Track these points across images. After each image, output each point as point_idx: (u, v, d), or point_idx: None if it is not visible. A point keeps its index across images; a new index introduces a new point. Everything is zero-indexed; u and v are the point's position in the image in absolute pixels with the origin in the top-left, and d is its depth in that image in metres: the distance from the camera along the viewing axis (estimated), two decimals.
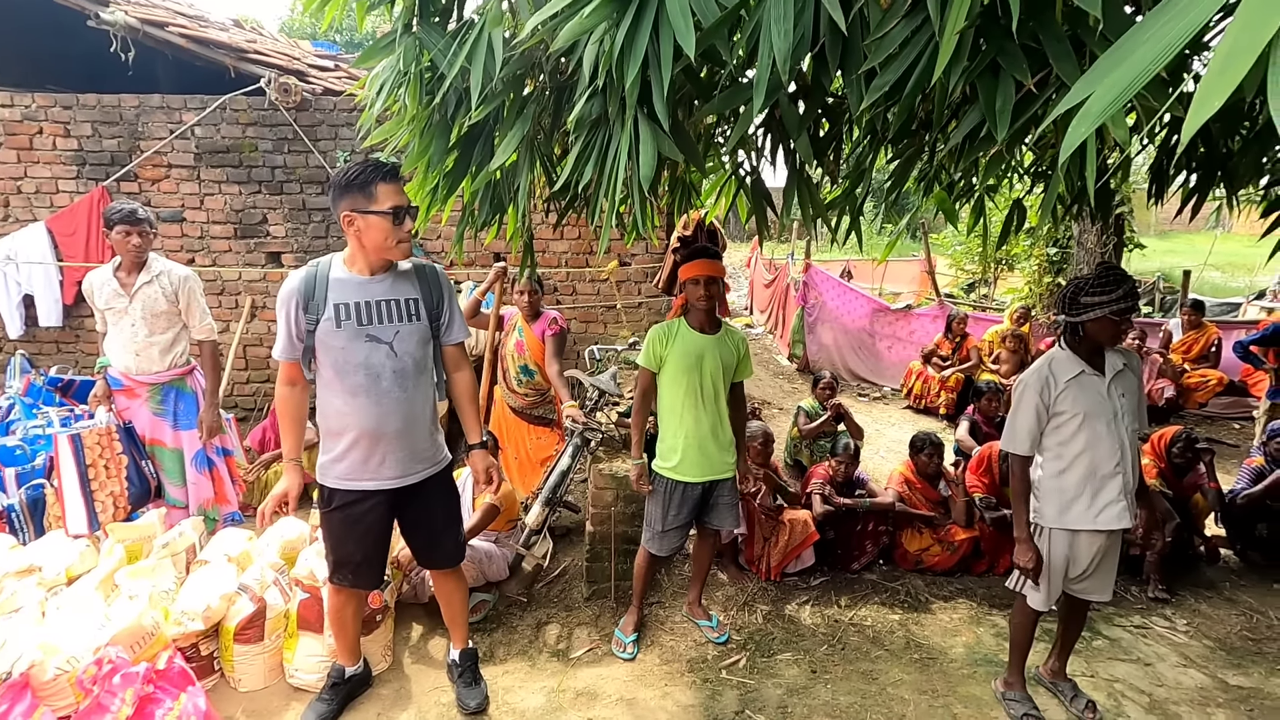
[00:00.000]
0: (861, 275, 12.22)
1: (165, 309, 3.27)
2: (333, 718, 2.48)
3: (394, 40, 2.08)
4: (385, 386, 2.21)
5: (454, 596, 2.62)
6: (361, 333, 2.18)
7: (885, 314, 7.71)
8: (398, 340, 2.21)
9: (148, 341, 3.26)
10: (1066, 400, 2.37)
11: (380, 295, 2.20)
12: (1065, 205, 2.80)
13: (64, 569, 2.66)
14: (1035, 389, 2.40)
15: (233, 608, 2.64)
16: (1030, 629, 2.61)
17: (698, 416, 2.77)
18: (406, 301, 2.24)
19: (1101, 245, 7.01)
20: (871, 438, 5.68)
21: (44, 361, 5.46)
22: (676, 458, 2.80)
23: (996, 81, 1.33)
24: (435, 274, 2.35)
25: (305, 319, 2.16)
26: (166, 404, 3.37)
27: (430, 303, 2.29)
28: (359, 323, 2.17)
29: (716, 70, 2.03)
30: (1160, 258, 14.75)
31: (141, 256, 3.23)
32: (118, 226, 3.14)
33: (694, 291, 2.74)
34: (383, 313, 2.20)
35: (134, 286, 3.21)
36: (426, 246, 5.47)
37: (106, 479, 3.14)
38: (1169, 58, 0.85)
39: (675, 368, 2.75)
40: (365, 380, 2.20)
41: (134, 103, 5.23)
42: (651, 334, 2.82)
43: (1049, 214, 1.83)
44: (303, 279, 2.18)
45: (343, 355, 2.18)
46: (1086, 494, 2.39)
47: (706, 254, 2.77)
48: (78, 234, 5.25)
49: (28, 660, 2.03)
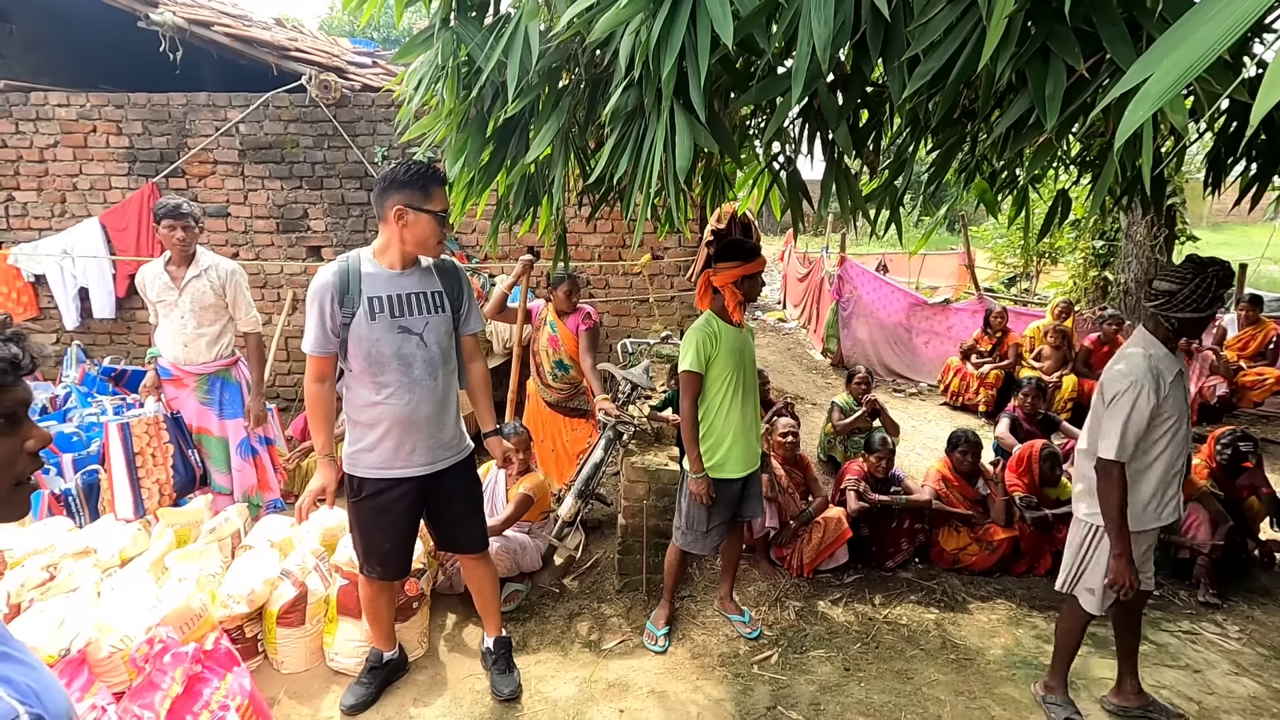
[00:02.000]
0: (898, 269, 11.97)
1: (213, 302, 3.36)
2: (370, 700, 2.55)
3: (431, 35, 2.10)
4: (417, 375, 2.28)
5: (484, 584, 2.66)
6: (395, 324, 2.24)
7: (922, 308, 7.55)
8: (428, 331, 2.29)
9: (196, 333, 3.36)
10: (1169, 401, 2.22)
11: (411, 288, 2.28)
12: (1114, 196, 2.70)
13: (118, 551, 2.76)
14: (1152, 389, 2.18)
15: (275, 592, 2.72)
16: (1080, 634, 2.53)
17: (744, 410, 2.77)
18: (434, 294, 2.32)
19: (1152, 238, 6.76)
20: (907, 434, 5.59)
21: (98, 352, 5.67)
22: (721, 455, 2.76)
23: (1046, 67, 1.29)
24: (455, 268, 2.44)
25: (341, 313, 2.22)
26: (213, 393, 3.47)
27: (453, 295, 2.38)
28: (392, 314, 2.24)
29: (753, 60, 2.00)
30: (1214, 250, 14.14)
31: (188, 250, 3.32)
32: (164, 221, 3.25)
33: (740, 289, 2.70)
34: (414, 305, 2.28)
35: (183, 280, 3.31)
36: (461, 240, 5.53)
37: (153, 466, 3.26)
38: (1233, 38, 0.81)
39: (722, 365, 2.72)
40: (399, 370, 2.26)
41: (181, 101, 5.38)
42: (695, 338, 2.71)
43: (1099, 205, 1.77)
44: (336, 273, 2.22)
45: (376, 347, 2.24)
46: (1159, 494, 2.30)
47: (754, 250, 2.75)
48: (129, 229, 5.43)
49: (85, 638, 2.12)
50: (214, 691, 2.22)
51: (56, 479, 3.55)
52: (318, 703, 2.59)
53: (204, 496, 3.31)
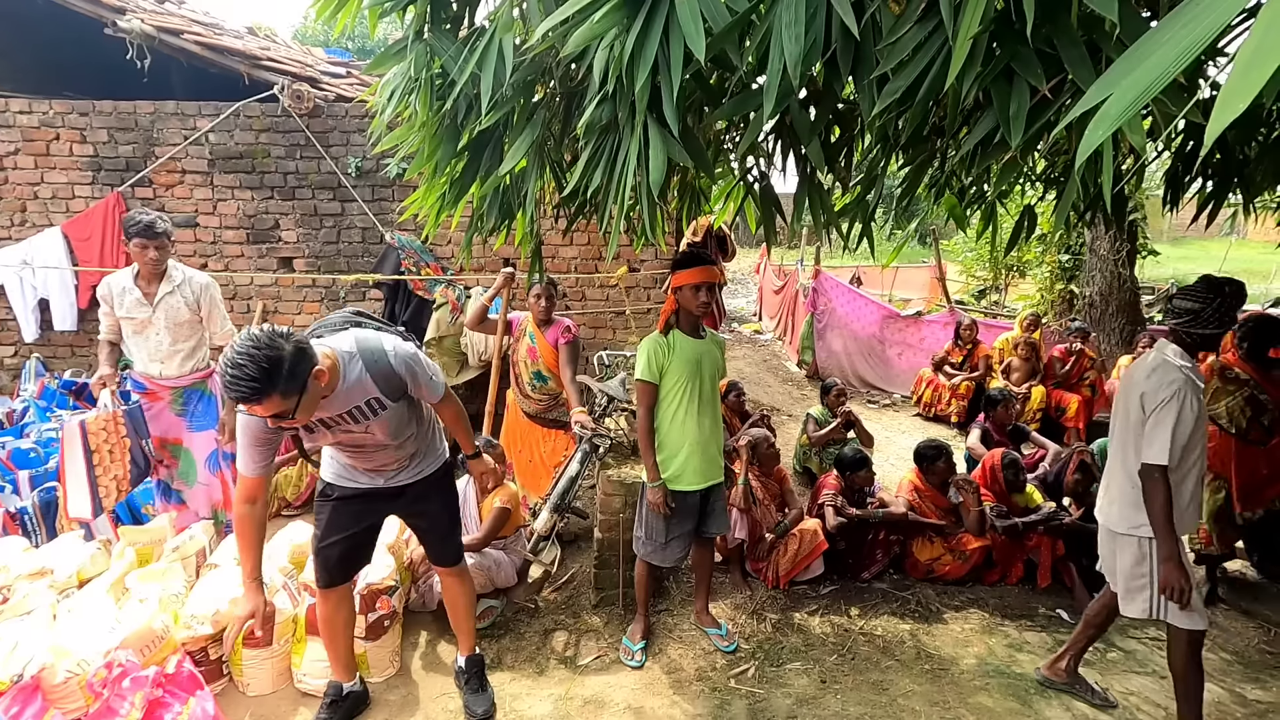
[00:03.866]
0: (871, 282, 12.15)
1: (188, 318, 3.28)
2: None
3: (405, 47, 2.09)
4: (371, 451, 2.28)
5: (459, 600, 2.62)
6: (337, 432, 2.16)
7: (895, 321, 7.66)
8: (373, 426, 2.17)
9: (172, 350, 3.28)
10: (1200, 408, 2.30)
11: (338, 409, 2.08)
12: (1079, 212, 2.78)
13: (75, 571, 2.67)
14: (1195, 394, 2.26)
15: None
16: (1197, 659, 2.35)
17: (700, 422, 2.76)
18: (367, 404, 2.11)
19: (1114, 252, 6.95)
20: (881, 445, 5.64)
21: (58, 365, 5.51)
22: (676, 466, 2.77)
23: (1010, 87, 1.32)
24: (388, 367, 2.11)
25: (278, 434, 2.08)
26: (189, 405, 3.41)
27: (391, 391, 2.14)
28: (329, 428, 2.13)
29: (726, 76, 2.03)
30: (1174, 264, 14.62)
31: (160, 268, 3.23)
32: (135, 239, 3.13)
33: (693, 298, 2.70)
34: (347, 420, 2.12)
35: (156, 296, 3.22)
36: (436, 252, 5.49)
37: (110, 463, 3.16)
38: (1188, 60, 0.84)
39: (677, 376, 2.73)
40: (353, 452, 2.28)
41: (149, 109, 5.28)
42: (647, 348, 2.74)
43: (1063, 220, 1.81)
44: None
45: (334, 445, 2.27)
46: (1195, 498, 2.35)
47: (704, 260, 2.74)
48: (93, 239, 5.30)
49: (39, 663, 2.04)
50: (175, 716, 2.15)
51: (12, 496, 3.43)
52: None
53: (167, 515, 3.22)
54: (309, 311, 5.66)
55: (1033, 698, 2.73)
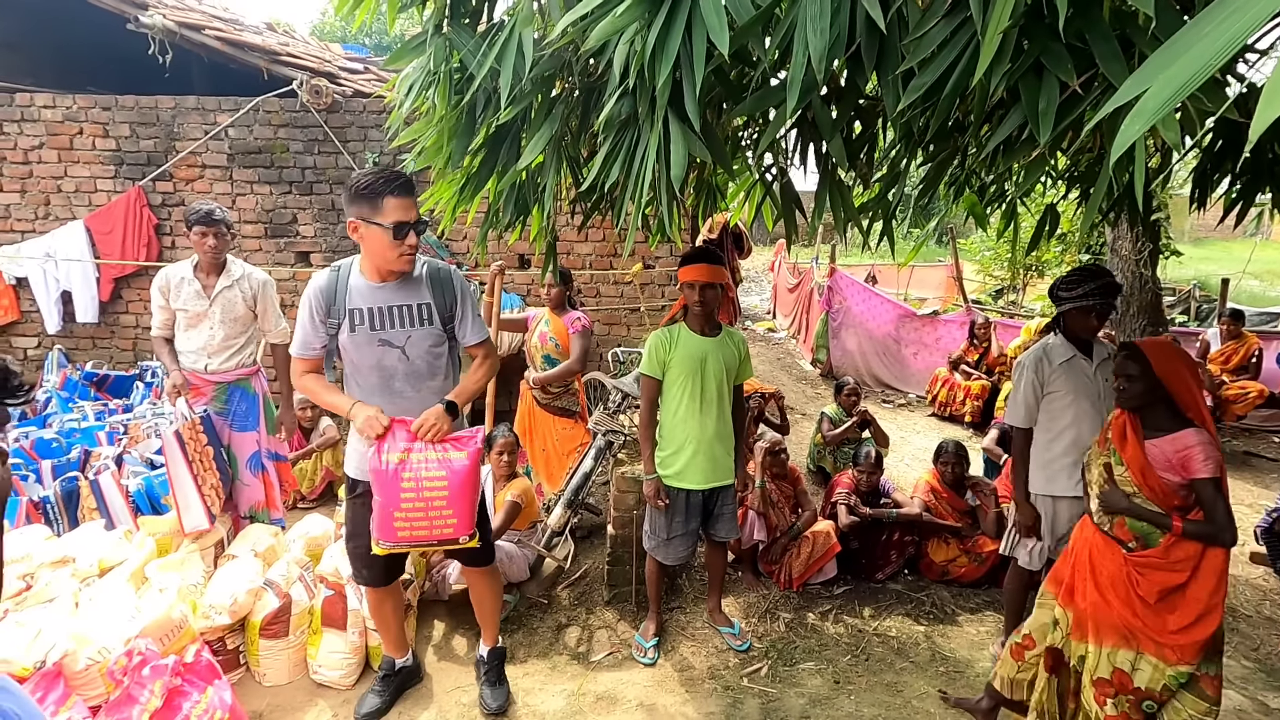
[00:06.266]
0: (887, 280, 12.05)
1: (243, 313, 3.29)
2: (385, 709, 2.53)
3: (424, 41, 2.08)
4: (398, 387, 2.25)
5: (487, 596, 2.62)
6: (375, 337, 2.21)
7: (911, 320, 7.60)
8: (409, 344, 2.24)
9: (224, 344, 3.27)
10: (1058, 379, 2.66)
11: (392, 300, 2.21)
12: (1103, 211, 2.74)
13: (97, 560, 2.70)
14: (1032, 368, 2.70)
15: (259, 603, 2.67)
16: (1023, 592, 2.87)
17: (702, 421, 2.74)
18: (419, 306, 2.24)
19: (1136, 252, 6.83)
20: (896, 445, 5.60)
21: (80, 356, 5.59)
22: (680, 464, 2.77)
23: (1040, 82, 1.30)
24: (449, 277, 2.31)
25: (325, 325, 2.21)
26: (230, 403, 3.35)
27: (443, 306, 2.28)
28: (371, 328, 2.20)
29: (747, 71, 2.01)
30: (1196, 265, 14.37)
31: (219, 257, 3.23)
32: (195, 227, 3.14)
33: (689, 295, 2.71)
34: (394, 318, 2.22)
35: (215, 289, 3.22)
36: (452, 247, 5.51)
37: (204, 471, 3.08)
38: (1226, 56, 0.82)
39: (678, 372, 2.72)
40: (378, 381, 2.25)
41: (170, 104, 5.34)
42: (652, 341, 2.78)
43: (1091, 220, 1.78)
44: (323, 286, 2.21)
45: (358, 357, 2.24)
46: (1070, 464, 2.64)
47: (704, 258, 2.72)
48: (114, 232, 5.37)
49: (61, 650, 2.07)
50: (194, 705, 2.17)
51: (35, 486, 3.49)
52: (300, 716, 2.54)
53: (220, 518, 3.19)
54: None
55: None
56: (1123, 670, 2.08)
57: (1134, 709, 2.07)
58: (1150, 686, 2.04)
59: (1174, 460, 2.03)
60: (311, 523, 3.23)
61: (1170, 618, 2.03)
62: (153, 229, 5.44)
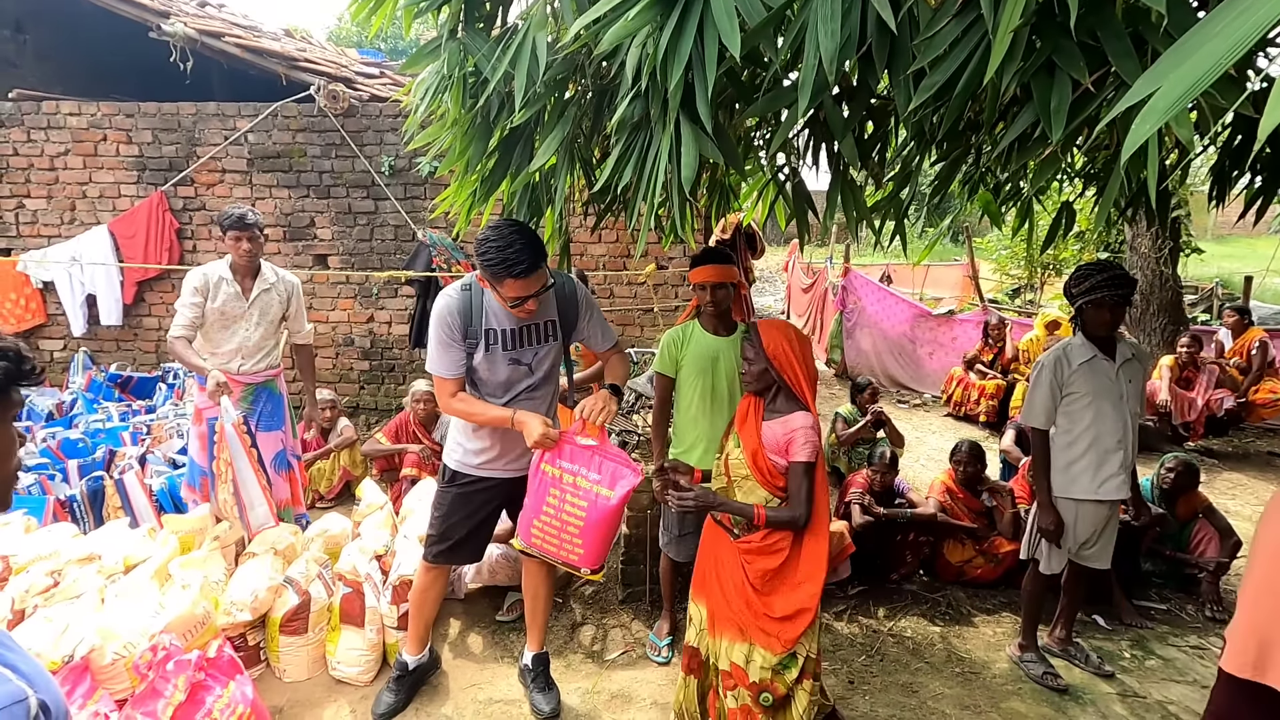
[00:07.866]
0: (901, 280, 11.97)
1: (278, 315, 3.36)
2: (401, 706, 2.57)
3: (439, 46, 2.11)
4: (519, 396, 2.33)
5: (542, 591, 2.63)
6: (507, 356, 2.28)
7: (926, 319, 7.55)
8: (537, 361, 2.33)
9: (258, 346, 3.33)
10: (1078, 380, 2.62)
11: (523, 320, 2.26)
12: (1119, 209, 2.71)
13: (122, 558, 2.76)
14: (1051, 369, 2.66)
15: (279, 600, 2.72)
16: (1041, 595, 2.86)
17: (714, 420, 2.74)
18: (546, 324, 2.32)
19: (1156, 250, 6.74)
20: (911, 445, 5.57)
21: (104, 359, 5.70)
22: (692, 461, 2.76)
23: (1052, 80, 1.30)
24: (573, 292, 2.36)
25: (464, 344, 2.25)
26: (256, 404, 3.39)
27: (568, 321, 2.36)
28: (504, 347, 2.27)
29: (758, 72, 2.02)
30: (1219, 263, 14.13)
31: (255, 261, 3.28)
32: (230, 231, 3.17)
33: (701, 296, 2.73)
34: (528, 337, 2.29)
35: (253, 292, 3.27)
36: (466, 249, 5.56)
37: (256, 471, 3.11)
38: (1239, 53, 0.82)
39: (690, 371, 2.74)
40: (501, 393, 2.32)
41: (191, 110, 5.43)
42: (665, 339, 2.81)
43: (1104, 218, 1.77)
44: (459, 306, 2.24)
45: (487, 373, 2.30)
46: (1091, 467, 2.62)
47: (713, 258, 2.72)
48: (137, 236, 5.47)
49: (88, 645, 2.12)
50: (216, 699, 2.21)
51: (62, 485, 3.56)
52: (320, 712, 2.58)
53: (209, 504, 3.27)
54: (343, 308, 5.77)
55: (1066, 703, 2.68)
56: (738, 664, 2.08)
57: (754, 702, 2.06)
58: (762, 679, 2.04)
59: (781, 442, 2.04)
60: (330, 521, 3.27)
61: (774, 602, 2.05)
62: (174, 233, 5.55)
